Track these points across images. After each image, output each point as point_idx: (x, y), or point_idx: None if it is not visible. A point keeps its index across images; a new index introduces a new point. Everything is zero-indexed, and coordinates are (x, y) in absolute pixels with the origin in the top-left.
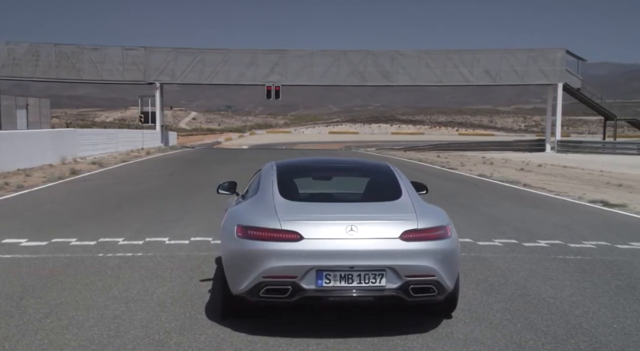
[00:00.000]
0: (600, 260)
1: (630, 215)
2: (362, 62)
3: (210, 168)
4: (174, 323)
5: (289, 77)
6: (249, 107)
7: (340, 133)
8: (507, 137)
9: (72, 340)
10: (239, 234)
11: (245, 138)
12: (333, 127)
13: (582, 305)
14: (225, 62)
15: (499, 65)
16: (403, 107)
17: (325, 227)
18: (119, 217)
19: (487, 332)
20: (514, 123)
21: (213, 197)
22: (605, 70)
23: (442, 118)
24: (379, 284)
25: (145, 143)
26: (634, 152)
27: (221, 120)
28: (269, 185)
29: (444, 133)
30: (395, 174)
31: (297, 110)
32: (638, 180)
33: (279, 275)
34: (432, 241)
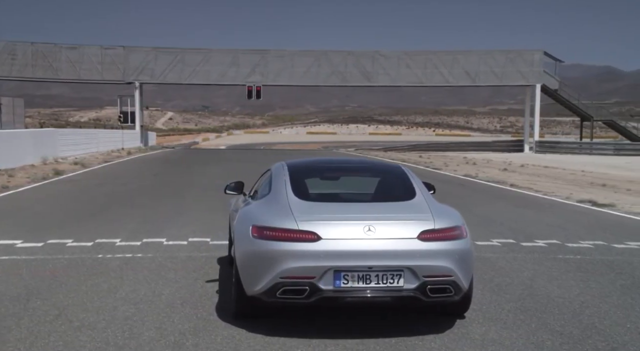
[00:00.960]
0: (600, 259)
1: (621, 215)
2: (342, 63)
3: (195, 169)
4: (187, 324)
5: (270, 77)
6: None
7: (318, 134)
8: (483, 137)
9: (87, 341)
10: (255, 234)
11: (222, 139)
12: (311, 127)
13: (592, 305)
14: (206, 61)
15: (478, 66)
16: (380, 107)
17: (343, 227)
18: (112, 217)
19: (503, 332)
20: (489, 124)
21: (203, 197)
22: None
23: (419, 118)
24: (396, 284)
25: (125, 144)
26: (610, 153)
27: (198, 120)
28: (281, 185)
29: (421, 133)
30: (407, 174)
31: (274, 111)
32: (620, 180)
33: (297, 276)
34: (449, 241)
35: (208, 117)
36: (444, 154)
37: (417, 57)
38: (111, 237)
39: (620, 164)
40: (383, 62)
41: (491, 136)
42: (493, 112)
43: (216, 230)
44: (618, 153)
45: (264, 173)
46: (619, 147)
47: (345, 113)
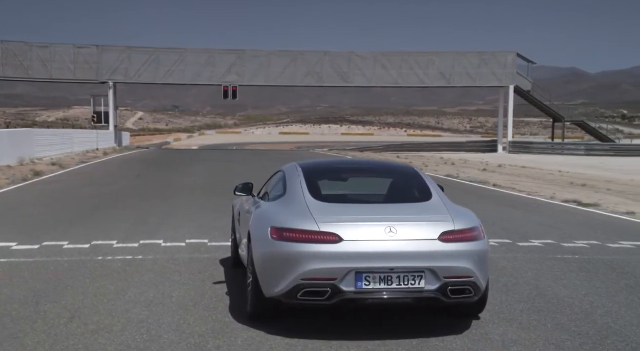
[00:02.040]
0: (599, 259)
1: (607, 215)
2: (319, 63)
3: (177, 169)
4: (204, 326)
5: (246, 78)
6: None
7: (291, 134)
8: (454, 137)
9: (107, 344)
10: (274, 236)
11: (195, 139)
12: (283, 127)
13: (602, 305)
14: (181, 61)
15: (453, 68)
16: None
17: (365, 228)
18: (103, 219)
19: (522, 333)
20: (460, 125)
21: (192, 198)
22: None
23: (390, 119)
24: (418, 286)
25: (100, 144)
26: (581, 153)
27: (169, 121)
28: (297, 186)
29: (393, 134)
30: (421, 175)
31: (247, 111)
32: (598, 180)
33: (319, 277)
34: (468, 242)
35: (179, 117)
36: (420, 155)
37: (392, 58)
38: (107, 239)
39: (595, 164)
40: (359, 63)
41: (462, 136)
42: (463, 113)
43: (212, 231)
44: (589, 154)
45: (274, 175)
46: (589, 147)
47: (318, 113)
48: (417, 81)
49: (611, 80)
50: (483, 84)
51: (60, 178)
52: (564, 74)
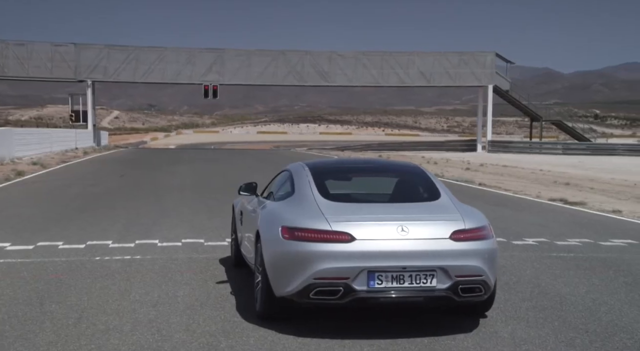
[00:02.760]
0: (593, 257)
1: (595, 213)
2: (300, 62)
3: (161, 169)
4: (214, 326)
5: (227, 77)
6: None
7: (269, 133)
8: (432, 137)
9: (119, 344)
10: (285, 236)
11: (172, 138)
12: (261, 126)
13: (604, 302)
14: (161, 60)
15: (433, 67)
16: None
17: (377, 227)
18: (94, 219)
19: (530, 331)
20: (437, 124)
21: (182, 198)
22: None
23: (368, 118)
24: (429, 284)
25: (79, 143)
26: (559, 152)
27: (145, 119)
28: (305, 185)
29: (371, 133)
30: (428, 174)
31: (223, 110)
32: (580, 178)
33: (331, 277)
34: (479, 241)
35: (155, 116)
36: (402, 154)
37: (373, 57)
38: (102, 239)
39: (574, 163)
40: (340, 62)
41: (439, 136)
42: (440, 112)
43: (207, 231)
44: (566, 153)
45: (278, 174)
46: (566, 146)
47: (295, 112)
48: (397, 80)
49: (583, 80)
50: (462, 84)
51: (43, 178)
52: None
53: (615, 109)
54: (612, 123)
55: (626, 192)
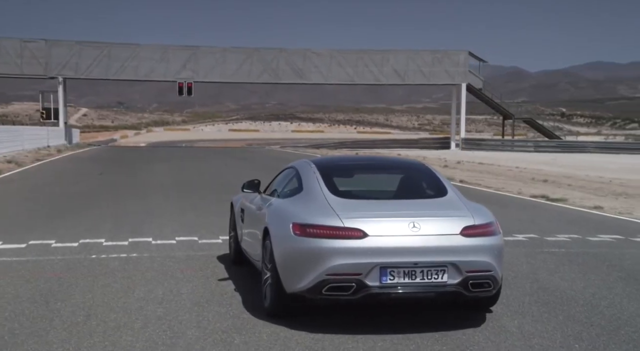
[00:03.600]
0: (585, 252)
1: (577, 209)
2: (274, 60)
3: (139, 168)
4: (224, 323)
5: (201, 74)
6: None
7: (241, 131)
8: (403, 134)
9: (133, 341)
10: (297, 232)
11: (142, 136)
12: (233, 124)
13: (603, 297)
14: (134, 57)
15: (407, 66)
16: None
17: (389, 223)
18: (82, 217)
19: (537, 325)
20: (408, 122)
21: (166, 196)
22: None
23: (340, 116)
24: (440, 280)
25: (50, 141)
26: (530, 149)
27: (114, 117)
28: (314, 182)
29: (343, 131)
30: (434, 171)
31: (193, 108)
32: (556, 175)
33: (344, 273)
34: (487, 237)
35: (125, 113)
36: (377, 151)
37: (348, 55)
38: (94, 237)
39: (547, 160)
40: (315, 60)
41: (411, 133)
42: (411, 110)
43: (198, 229)
44: (537, 150)
45: (282, 172)
46: (538, 144)
47: (267, 110)
48: (372, 78)
49: (550, 79)
50: (436, 82)
51: (21, 176)
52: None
53: (581, 108)
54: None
55: (603, 189)
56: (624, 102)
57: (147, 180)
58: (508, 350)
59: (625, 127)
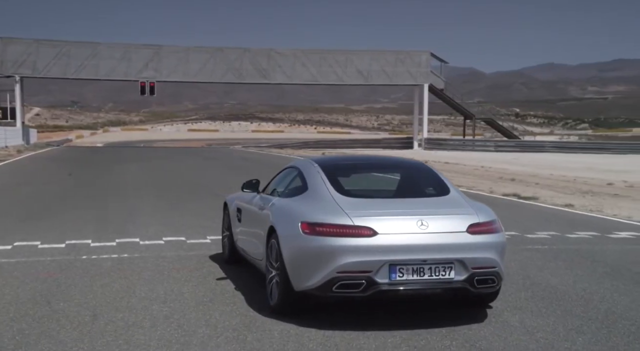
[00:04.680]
0: (567, 249)
1: (550, 207)
2: (238, 60)
3: (107, 168)
4: (232, 321)
5: (164, 73)
6: (97, 103)
7: (200, 131)
8: (363, 134)
9: (147, 340)
10: (306, 231)
11: (98, 136)
12: (192, 124)
13: (594, 292)
14: (94, 56)
15: (370, 66)
16: (259, 104)
17: (398, 222)
18: (63, 218)
19: (538, 320)
20: (367, 122)
21: (143, 197)
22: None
23: (300, 116)
24: (448, 276)
25: (8, 141)
26: (491, 149)
27: (69, 117)
28: (319, 182)
29: (304, 131)
30: (435, 171)
31: (150, 107)
32: (522, 174)
33: (354, 270)
34: (492, 234)
35: (80, 113)
36: (343, 151)
37: (312, 55)
38: (79, 238)
39: (510, 160)
40: (279, 60)
41: (370, 133)
42: (369, 110)
43: (184, 229)
44: (497, 150)
45: (281, 171)
46: (498, 144)
47: (226, 110)
48: (335, 79)
49: (504, 80)
50: (399, 82)
51: None
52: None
53: (534, 108)
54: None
55: (570, 187)
56: (574, 102)
57: (119, 181)
58: (515, 343)
59: (576, 127)
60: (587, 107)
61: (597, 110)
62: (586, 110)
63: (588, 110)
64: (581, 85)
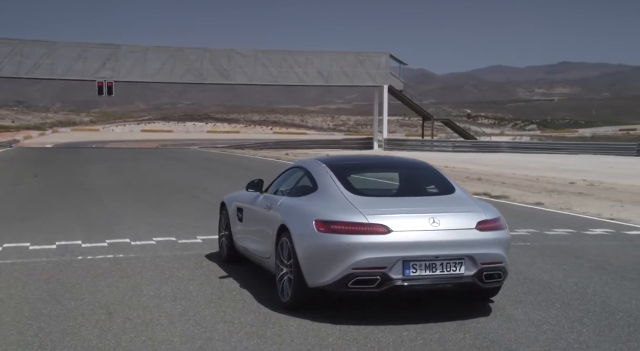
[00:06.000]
0: (549, 245)
1: (522, 205)
2: (198, 60)
3: (72, 169)
4: (247, 317)
5: (122, 73)
6: (45, 103)
7: (154, 132)
8: (319, 135)
9: (169, 335)
10: (321, 229)
11: (48, 137)
12: (145, 125)
13: (585, 286)
14: (50, 55)
15: (330, 67)
16: (214, 105)
17: (410, 219)
18: (46, 219)
19: (541, 313)
20: (323, 123)
21: (118, 197)
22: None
23: (256, 117)
24: (458, 272)
25: None
26: (449, 149)
27: (15, 117)
28: (328, 181)
29: (259, 131)
30: (438, 170)
31: (101, 107)
32: (488, 174)
33: (370, 266)
34: (498, 231)
35: (26, 113)
36: (305, 151)
37: (273, 56)
38: (69, 239)
39: (470, 159)
40: (240, 60)
41: (326, 134)
42: (324, 111)
43: (172, 229)
44: (455, 150)
45: (285, 172)
46: (456, 144)
47: (180, 110)
48: (296, 79)
49: (456, 81)
50: (359, 83)
51: None
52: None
53: (484, 109)
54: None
55: (535, 186)
56: (522, 104)
57: (90, 182)
58: (525, 335)
59: (525, 128)
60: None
61: (544, 111)
62: (534, 112)
63: (535, 111)
64: (529, 87)
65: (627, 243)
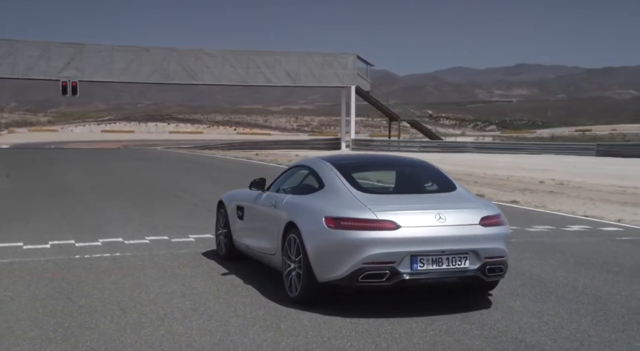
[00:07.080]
0: (533, 241)
1: (499, 204)
2: (165, 60)
3: (45, 170)
4: (258, 311)
5: (87, 73)
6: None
7: (115, 132)
8: (283, 135)
9: (187, 329)
10: (330, 225)
11: (3, 137)
12: (106, 125)
13: (575, 279)
14: (11, 53)
15: (298, 68)
16: (176, 105)
17: (418, 215)
18: (33, 219)
19: (539, 305)
20: (287, 123)
21: (101, 198)
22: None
23: (219, 117)
24: (463, 266)
25: None
26: (415, 150)
27: None
28: (335, 180)
29: (223, 132)
30: (439, 169)
31: (59, 107)
32: (459, 173)
33: (379, 261)
34: (500, 226)
35: None
36: (274, 152)
37: (240, 56)
38: (61, 239)
39: (438, 159)
40: (207, 60)
41: (290, 134)
42: (288, 112)
43: (162, 229)
44: (422, 150)
45: (288, 170)
46: (422, 144)
47: (140, 110)
48: (264, 80)
49: (417, 82)
50: (327, 84)
51: None
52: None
53: (445, 110)
54: (444, 123)
55: (507, 185)
56: (482, 105)
57: (68, 182)
58: (528, 326)
59: (485, 129)
60: (494, 110)
61: (503, 112)
62: (493, 112)
63: (495, 112)
64: (488, 89)
65: (606, 238)
